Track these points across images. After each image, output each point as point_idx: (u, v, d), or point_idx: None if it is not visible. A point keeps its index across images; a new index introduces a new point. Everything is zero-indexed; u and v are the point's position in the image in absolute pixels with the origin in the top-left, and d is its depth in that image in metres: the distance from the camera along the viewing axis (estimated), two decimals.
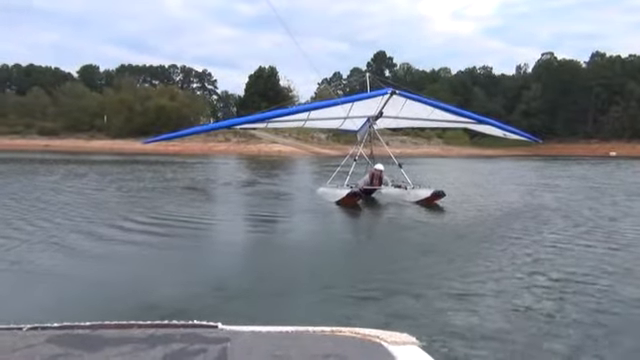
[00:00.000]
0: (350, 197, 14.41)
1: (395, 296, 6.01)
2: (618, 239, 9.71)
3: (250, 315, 4.96)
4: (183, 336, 1.31)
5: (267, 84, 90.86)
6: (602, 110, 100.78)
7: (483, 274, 7.08)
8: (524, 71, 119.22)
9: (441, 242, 9.84)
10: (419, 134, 79.74)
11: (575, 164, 45.46)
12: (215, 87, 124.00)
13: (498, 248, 8.90)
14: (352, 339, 1.31)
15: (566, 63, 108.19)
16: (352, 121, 17.60)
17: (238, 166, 39.75)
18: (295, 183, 24.50)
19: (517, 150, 74.00)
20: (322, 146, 73.25)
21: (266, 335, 1.34)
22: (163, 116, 71.97)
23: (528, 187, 21.81)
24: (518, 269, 7.39)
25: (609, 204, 15.82)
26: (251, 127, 23.99)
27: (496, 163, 48.74)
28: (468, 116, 18.27)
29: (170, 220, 11.50)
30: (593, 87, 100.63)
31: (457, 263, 7.83)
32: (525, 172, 33.96)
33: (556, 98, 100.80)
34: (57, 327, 1.36)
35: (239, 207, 15.20)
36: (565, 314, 5.40)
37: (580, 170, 36.39)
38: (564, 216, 12.85)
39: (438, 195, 14.91)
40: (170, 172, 28.65)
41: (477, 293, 6.17)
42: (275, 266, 7.79)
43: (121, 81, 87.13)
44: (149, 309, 5.29)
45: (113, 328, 1.36)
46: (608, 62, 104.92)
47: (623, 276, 7.06)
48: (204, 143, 65.01)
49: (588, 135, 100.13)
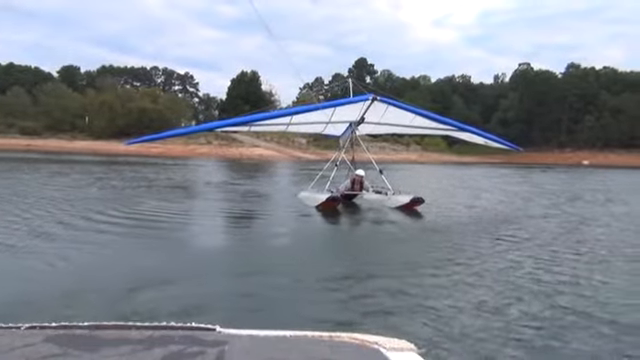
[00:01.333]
0: (330, 202, 14.57)
1: (349, 280, 6.96)
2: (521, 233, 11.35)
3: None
4: (181, 338, 1.32)
5: (249, 88, 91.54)
6: (576, 120, 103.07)
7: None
8: (502, 80, 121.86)
9: (398, 240, 10.85)
10: (398, 140, 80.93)
11: (540, 172, 47.32)
12: (197, 90, 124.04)
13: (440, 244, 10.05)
14: (350, 344, 1.31)
15: (542, 73, 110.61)
16: (334, 126, 17.61)
17: (219, 169, 40.48)
18: (273, 185, 25.66)
19: (493, 158, 75.64)
20: (303, 151, 74.13)
21: (264, 339, 1.34)
22: (145, 118, 72.13)
23: (480, 191, 23.46)
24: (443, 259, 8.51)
25: (541, 206, 17.57)
26: (233, 130, 24.12)
27: (469, 170, 50.25)
28: (449, 123, 18.39)
29: (143, 216, 12.22)
30: (568, 97, 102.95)
31: (400, 253, 9.00)
32: (490, 178, 35.59)
33: (532, 107, 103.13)
34: (55, 327, 1.37)
35: (215, 206, 15.88)
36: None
37: (542, 177, 38.42)
38: (492, 215, 14.71)
39: (417, 201, 15.07)
40: (152, 173, 29.35)
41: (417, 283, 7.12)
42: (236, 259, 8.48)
43: (103, 82, 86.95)
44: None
45: (111, 329, 1.37)
46: (582, 73, 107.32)
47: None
48: (186, 146, 65.29)
49: (562, 144, 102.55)
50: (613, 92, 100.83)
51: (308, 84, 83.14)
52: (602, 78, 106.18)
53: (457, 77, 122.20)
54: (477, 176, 38.08)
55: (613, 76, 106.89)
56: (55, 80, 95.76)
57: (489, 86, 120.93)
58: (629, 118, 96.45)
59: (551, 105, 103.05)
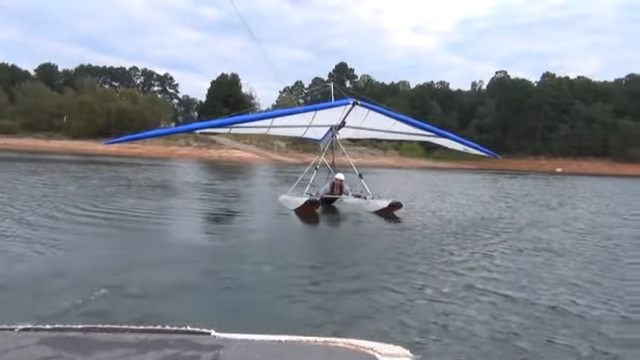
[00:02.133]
0: (308, 205, 14.53)
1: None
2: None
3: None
4: (176, 342, 1.32)
5: (229, 90, 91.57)
6: (551, 128, 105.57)
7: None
8: (479, 88, 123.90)
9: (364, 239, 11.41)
10: (376, 145, 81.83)
11: (509, 178, 48.55)
12: (176, 91, 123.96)
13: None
14: (345, 350, 1.31)
15: (518, 82, 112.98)
16: (315, 130, 17.56)
17: (197, 170, 40.69)
18: (251, 187, 26.16)
19: (467, 163, 76.96)
20: (281, 154, 74.56)
21: (259, 344, 1.34)
22: (125, 119, 71.85)
23: (446, 195, 24.62)
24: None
25: (496, 209, 18.83)
26: (213, 132, 24.19)
27: (443, 175, 51.61)
28: (429, 129, 18.24)
29: (119, 213, 12.59)
30: (543, 106, 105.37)
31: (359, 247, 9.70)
32: (461, 183, 36.77)
33: (508, 115, 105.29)
34: (49, 329, 1.37)
35: (190, 205, 16.17)
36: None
37: (508, 184, 39.61)
38: (452, 218, 15.43)
39: (395, 206, 15.11)
40: (131, 173, 29.66)
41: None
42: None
43: (82, 82, 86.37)
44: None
45: (105, 332, 1.37)
46: (557, 82, 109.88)
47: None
48: (165, 147, 65.23)
49: (537, 151, 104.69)
50: (586, 101, 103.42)
51: (288, 88, 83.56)
52: (576, 87, 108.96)
53: (436, 83, 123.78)
54: (448, 181, 39.13)
55: (586, 86, 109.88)
56: (33, 78, 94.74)
57: (467, 93, 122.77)
58: (602, 127, 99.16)
59: (527, 113, 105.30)
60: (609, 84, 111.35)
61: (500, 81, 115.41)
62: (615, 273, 8.25)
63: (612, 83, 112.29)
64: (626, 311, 6.14)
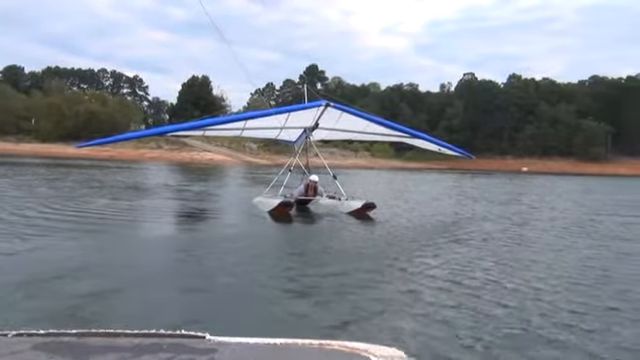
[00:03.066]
0: (282, 206, 14.49)
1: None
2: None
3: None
4: (170, 346, 1.31)
5: (200, 93, 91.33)
6: (517, 128, 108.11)
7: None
8: (448, 89, 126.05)
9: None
10: (347, 146, 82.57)
11: (470, 177, 50.33)
12: (146, 93, 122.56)
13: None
14: (340, 352, 1.30)
15: (485, 83, 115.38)
16: (288, 132, 17.50)
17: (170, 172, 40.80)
18: (222, 188, 26.75)
19: (438, 164, 78.28)
20: (253, 155, 74.75)
21: (254, 347, 1.33)
22: (94, 121, 70.92)
23: (404, 193, 26.10)
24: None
25: (447, 205, 20.56)
26: (186, 135, 24.27)
27: (411, 175, 53.65)
28: (403, 130, 18.33)
29: (90, 213, 13.00)
30: (509, 107, 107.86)
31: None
32: (423, 183, 38.39)
33: (476, 116, 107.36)
34: (43, 334, 1.35)
35: (162, 205, 16.76)
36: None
37: (469, 182, 41.35)
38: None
39: (369, 207, 15.15)
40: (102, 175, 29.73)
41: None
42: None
43: (51, 84, 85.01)
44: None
45: (100, 336, 1.36)
46: (523, 84, 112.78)
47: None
48: (136, 149, 64.75)
49: (504, 151, 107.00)
50: (551, 102, 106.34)
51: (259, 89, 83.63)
52: (541, 89, 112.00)
53: (405, 85, 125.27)
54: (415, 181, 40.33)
55: (551, 87, 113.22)
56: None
57: (436, 94, 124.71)
58: (566, 127, 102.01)
59: (494, 114, 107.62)
60: (573, 85, 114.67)
61: (468, 83, 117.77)
62: (506, 255, 9.59)
63: (576, 85, 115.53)
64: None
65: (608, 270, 8.30)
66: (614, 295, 6.71)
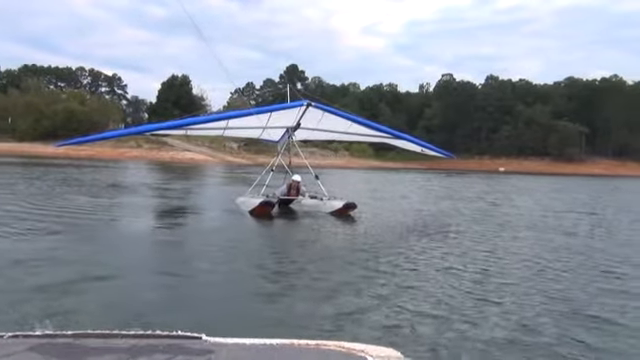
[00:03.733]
0: (263, 206, 14.51)
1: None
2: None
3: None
4: (167, 347, 1.31)
5: (180, 92, 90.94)
6: (494, 129, 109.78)
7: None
8: (426, 90, 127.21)
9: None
10: (327, 146, 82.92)
11: (444, 177, 51.51)
12: (125, 92, 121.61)
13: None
14: (337, 353, 1.31)
15: (463, 84, 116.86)
16: (272, 131, 17.55)
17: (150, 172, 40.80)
18: (202, 187, 27.25)
19: (417, 163, 79.10)
20: (234, 155, 74.80)
21: (250, 347, 1.33)
22: (73, 120, 70.25)
23: (375, 191, 27.19)
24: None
25: (412, 202, 21.97)
26: (166, 134, 24.09)
27: (389, 175, 54.14)
28: (385, 131, 18.37)
29: (70, 211, 13.32)
30: (487, 107, 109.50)
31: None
32: (397, 182, 39.48)
33: (454, 116, 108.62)
34: (39, 335, 1.36)
35: (141, 203, 17.17)
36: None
37: (442, 181, 42.71)
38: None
39: (349, 207, 15.27)
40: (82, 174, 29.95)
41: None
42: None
43: (28, 83, 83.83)
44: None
45: (96, 337, 1.36)
46: (500, 85, 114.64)
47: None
48: (115, 149, 64.25)
49: (482, 151, 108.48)
50: (527, 103, 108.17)
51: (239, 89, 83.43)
52: (518, 90, 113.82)
53: (385, 85, 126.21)
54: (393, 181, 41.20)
55: (527, 88, 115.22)
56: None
57: (415, 95, 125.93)
58: (541, 128, 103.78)
59: (472, 114, 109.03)
60: (548, 86, 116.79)
61: (446, 83, 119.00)
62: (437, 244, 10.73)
63: (551, 86, 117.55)
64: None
65: (529, 260, 9.22)
66: (515, 279, 7.68)
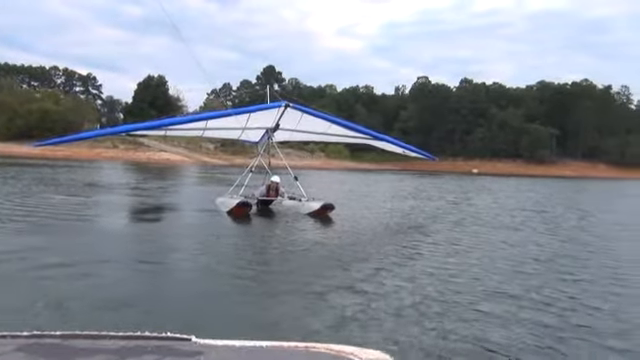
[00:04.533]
0: (240, 207, 14.56)
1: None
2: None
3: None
4: (155, 348, 1.30)
5: (156, 93, 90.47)
6: (468, 131, 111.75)
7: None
8: (402, 92, 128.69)
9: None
10: (303, 147, 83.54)
11: (418, 177, 53.32)
12: (100, 92, 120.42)
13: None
14: (326, 355, 1.30)
15: (439, 87, 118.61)
16: (251, 132, 17.51)
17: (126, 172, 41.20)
18: (178, 186, 27.86)
19: (390, 165, 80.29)
20: (210, 156, 75.02)
21: (240, 349, 1.32)
22: (47, 120, 69.45)
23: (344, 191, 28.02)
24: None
25: (376, 200, 23.32)
26: (143, 134, 24.37)
27: (365, 175, 55.56)
28: (366, 132, 18.43)
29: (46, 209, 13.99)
30: (461, 110, 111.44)
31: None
32: (370, 183, 40.28)
33: (429, 118, 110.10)
34: (27, 336, 1.33)
35: (113, 201, 17.85)
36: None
37: (411, 182, 43.80)
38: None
39: (327, 207, 15.30)
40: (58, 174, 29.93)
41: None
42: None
43: (1, 82, 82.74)
44: None
45: (84, 338, 1.34)
46: (474, 88, 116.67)
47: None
48: (91, 149, 63.82)
49: (456, 153, 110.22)
50: (500, 106, 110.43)
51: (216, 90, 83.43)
52: (491, 93, 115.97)
53: (361, 87, 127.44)
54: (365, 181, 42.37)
55: (501, 91, 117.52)
56: None
57: (391, 97, 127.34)
58: (514, 130, 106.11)
59: (446, 117, 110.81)
60: (521, 90, 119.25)
61: (422, 86, 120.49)
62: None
63: (524, 89, 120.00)
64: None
65: (466, 250, 10.58)
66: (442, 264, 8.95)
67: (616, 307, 6.60)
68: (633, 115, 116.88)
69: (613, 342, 5.27)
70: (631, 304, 6.84)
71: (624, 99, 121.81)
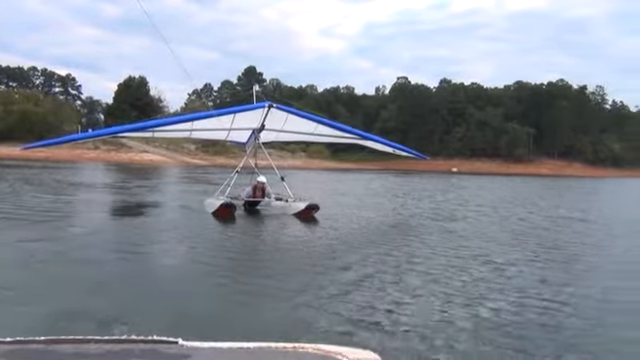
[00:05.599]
0: (223, 208, 14.54)
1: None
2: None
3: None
4: (142, 352, 1.29)
5: (137, 94, 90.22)
6: (447, 131, 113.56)
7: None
8: (382, 92, 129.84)
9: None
10: (284, 148, 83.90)
11: (394, 176, 54.37)
12: (79, 92, 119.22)
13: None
14: (314, 356, 1.29)
15: (418, 87, 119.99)
16: (239, 133, 17.55)
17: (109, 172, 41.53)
18: (161, 186, 28.70)
19: (370, 164, 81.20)
20: (192, 156, 75.24)
21: (227, 351, 1.32)
22: (27, 122, 69.31)
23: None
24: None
25: (351, 197, 24.68)
26: (125, 135, 24.67)
27: (344, 175, 57.48)
28: (354, 132, 18.46)
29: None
30: (440, 110, 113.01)
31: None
32: (347, 182, 42.07)
33: (409, 118, 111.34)
34: (10, 342, 1.30)
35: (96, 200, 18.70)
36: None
37: (384, 181, 45.65)
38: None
39: (312, 208, 15.31)
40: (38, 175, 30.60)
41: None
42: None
43: None
44: None
45: (69, 343, 1.32)
46: (453, 88, 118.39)
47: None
48: (72, 150, 62.83)
49: (435, 153, 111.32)
50: (478, 106, 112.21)
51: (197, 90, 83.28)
52: (470, 93, 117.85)
53: (342, 88, 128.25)
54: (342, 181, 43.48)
55: (479, 91, 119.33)
56: None
57: (371, 97, 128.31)
58: (492, 130, 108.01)
59: (426, 117, 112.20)
60: (499, 90, 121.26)
61: (401, 86, 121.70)
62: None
63: (502, 89, 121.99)
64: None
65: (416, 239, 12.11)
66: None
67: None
68: (607, 115, 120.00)
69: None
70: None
71: (599, 99, 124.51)
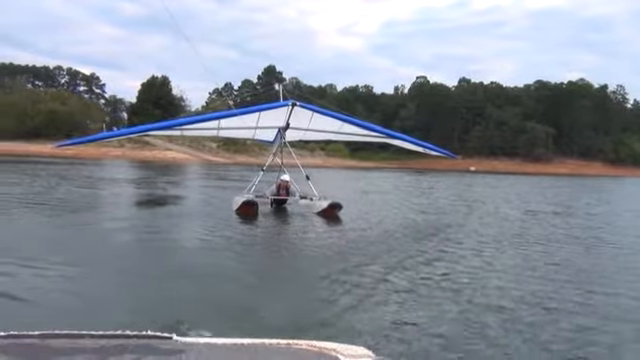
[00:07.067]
0: (245, 206, 14.54)
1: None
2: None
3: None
4: (136, 347, 1.29)
5: (160, 93, 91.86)
6: (466, 130, 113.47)
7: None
8: (401, 91, 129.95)
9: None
10: (304, 146, 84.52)
11: (407, 175, 55.39)
12: (103, 91, 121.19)
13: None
14: (308, 352, 1.31)
15: (437, 86, 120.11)
16: (265, 132, 17.62)
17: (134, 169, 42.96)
18: (184, 182, 30.00)
19: (388, 163, 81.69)
20: (213, 154, 76.61)
21: (221, 347, 1.33)
22: (56, 120, 71.25)
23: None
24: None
25: (361, 193, 25.80)
26: (150, 134, 25.42)
27: (362, 173, 57.34)
28: (380, 131, 18.07)
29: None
30: (459, 109, 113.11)
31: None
32: (366, 180, 42.77)
33: (428, 117, 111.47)
34: (4, 336, 1.31)
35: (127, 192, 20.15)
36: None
37: (398, 180, 45.98)
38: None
39: (334, 207, 15.22)
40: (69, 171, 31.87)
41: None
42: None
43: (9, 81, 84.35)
44: None
45: (63, 338, 1.33)
46: (472, 87, 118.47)
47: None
48: (98, 148, 64.26)
49: (454, 152, 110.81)
50: (497, 105, 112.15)
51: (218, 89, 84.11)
52: (489, 92, 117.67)
53: (361, 87, 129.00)
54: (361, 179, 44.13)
55: (498, 91, 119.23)
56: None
57: (390, 96, 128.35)
58: (511, 129, 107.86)
59: (445, 116, 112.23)
60: (519, 89, 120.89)
61: (420, 85, 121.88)
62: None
63: (521, 88, 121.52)
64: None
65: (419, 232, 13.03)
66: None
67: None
68: (628, 114, 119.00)
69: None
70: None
71: (620, 98, 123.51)
